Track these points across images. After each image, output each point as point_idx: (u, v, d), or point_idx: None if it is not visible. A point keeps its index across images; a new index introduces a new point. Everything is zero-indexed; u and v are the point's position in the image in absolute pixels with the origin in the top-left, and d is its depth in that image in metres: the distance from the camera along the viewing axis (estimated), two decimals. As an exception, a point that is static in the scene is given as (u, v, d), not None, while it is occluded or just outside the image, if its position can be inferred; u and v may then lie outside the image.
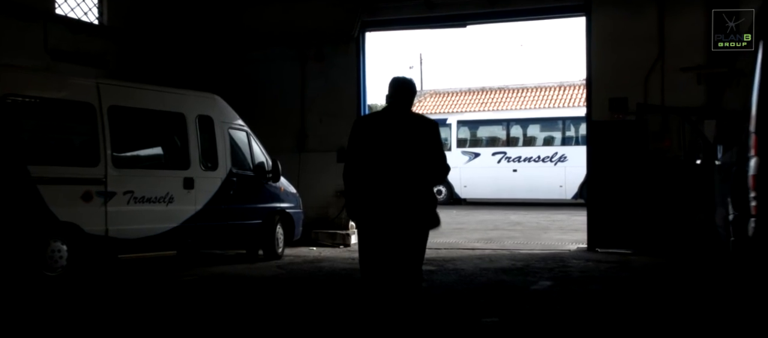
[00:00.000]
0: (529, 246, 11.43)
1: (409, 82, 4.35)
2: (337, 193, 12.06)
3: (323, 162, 12.24)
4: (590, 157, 10.61)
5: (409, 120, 4.31)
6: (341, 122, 12.03)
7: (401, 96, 4.30)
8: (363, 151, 4.20)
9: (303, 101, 12.42)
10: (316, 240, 11.83)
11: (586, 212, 10.76)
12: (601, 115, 10.51)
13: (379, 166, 4.14)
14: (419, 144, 4.22)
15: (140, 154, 8.69)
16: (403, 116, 4.30)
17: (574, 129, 22.70)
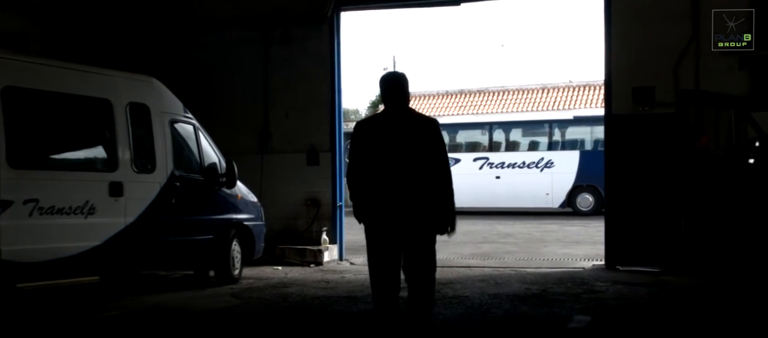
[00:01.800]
0: (533, 263, 9.70)
1: (398, 75, 4.28)
2: (308, 202, 10.22)
3: (291, 165, 10.39)
4: (609, 158, 8.92)
5: (409, 119, 4.22)
6: (312, 117, 10.27)
7: (394, 93, 4.23)
8: (366, 155, 4.16)
9: (266, 93, 10.54)
10: (282, 258, 9.95)
11: (604, 223, 9.06)
12: (623, 107, 8.84)
13: (383, 168, 4.11)
14: (420, 144, 4.14)
15: (49, 151, 6.71)
16: (402, 115, 4.21)
17: (561, 133, 21.16)
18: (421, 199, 4.13)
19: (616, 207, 8.85)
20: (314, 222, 10.18)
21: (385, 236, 4.17)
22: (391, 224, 4.14)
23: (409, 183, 4.10)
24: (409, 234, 4.16)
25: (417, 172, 4.12)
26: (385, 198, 4.12)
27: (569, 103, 25.67)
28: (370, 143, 4.18)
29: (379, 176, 4.14)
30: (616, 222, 8.82)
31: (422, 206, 4.14)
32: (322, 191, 10.23)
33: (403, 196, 4.09)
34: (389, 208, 4.12)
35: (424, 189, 4.14)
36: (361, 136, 4.23)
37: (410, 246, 4.20)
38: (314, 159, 10.28)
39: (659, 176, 8.61)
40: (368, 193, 4.18)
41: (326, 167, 10.24)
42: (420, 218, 4.15)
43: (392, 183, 4.11)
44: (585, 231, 15.09)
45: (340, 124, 10.45)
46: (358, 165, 4.21)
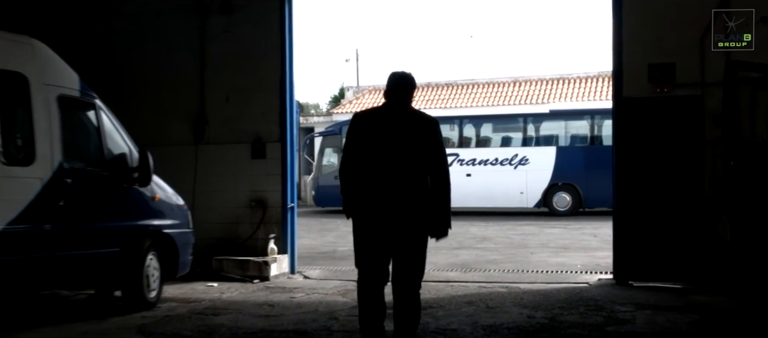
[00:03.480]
0: (526, 277, 8.07)
1: (408, 76, 4.21)
2: (253, 203, 8.41)
3: (232, 158, 8.58)
4: (619, 150, 7.33)
5: (409, 117, 4.16)
6: (258, 101, 8.49)
7: (400, 91, 4.16)
8: (361, 148, 4.06)
9: (202, 71, 8.68)
10: (219, 271, 8.12)
11: (613, 230, 7.47)
12: (636, 89, 7.26)
13: (378, 165, 4.02)
14: (418, 143, 4.07)
15: None
16: (403, 113, 4.16)
17: (535, 128, 19.70)
18: (415, 199, 4.01)
19: (626, 210, 7.25)
20: (260, 227, 8.38)
21: (374, 233, 4.03)
22: (382, 221, 4.01)
23: (404, 181, 3.99)
24: (400, 234, 4.02)
25: (412, 170, 4.02)
26: (377, 194, 4.01)
27: (543, 96, 24.32)
28: (367, 136, 4.07)
29: (373, 171, 4.04)
30: (627, 229, 7.23)
31: (415, 206, 4.01)
32: (270, 190, 8.43)
33: (396, 194, 3.97)
34: (381, 205, 4.01)
35: (418, 188, 4.02)
36: (358, 128, 4.12)
37: (400, 247, 4.05)
38: (260, 151, 8.47)
39: (683, 171, 7.05)
40: (360, 188, 4.06)
41: (275, 161, 8.44)
42: (412, 218, 4.02)
43: (386, 179, 4.01)
44: (569, 235, 13.61)
45: (293, 110, 8.66)
46: (352, 158, 4.09)
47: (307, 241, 13.30)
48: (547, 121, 19.68)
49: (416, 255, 4.09)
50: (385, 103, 4.22)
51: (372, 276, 4.08)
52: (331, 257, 10.58)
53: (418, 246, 4.09)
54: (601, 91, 23.92)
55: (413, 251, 4.07)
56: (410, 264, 4.07)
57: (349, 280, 7.91)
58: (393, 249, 4.05)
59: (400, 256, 4.06)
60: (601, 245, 11.56)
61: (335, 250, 11.56)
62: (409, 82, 4.22)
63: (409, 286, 4.07)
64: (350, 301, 6.56)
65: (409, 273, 4.07)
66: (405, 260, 4.06)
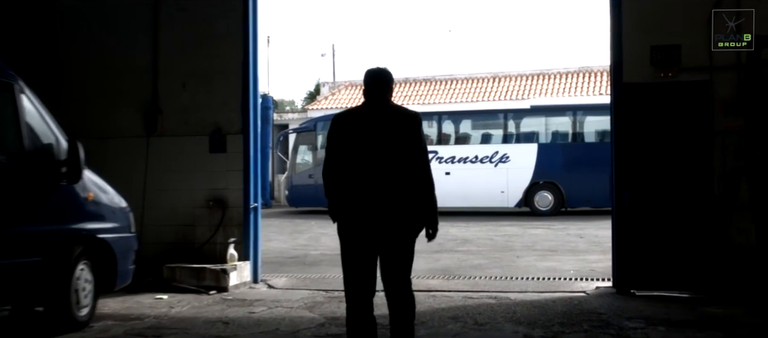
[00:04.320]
0: (516, 285, 7.27)
1: (383, 71, 4.12)
2: (211, 203, 7.50)
3: (188, 152, 7.67)
4: (618, 142, 6.56)
5: (389, 113, 4.03)
6: (218, 88, 7.62)
7: (377, 88, 4.06)
8: (342, 150, 3.95)
9: (155, 55, 7.75)
10: (171, 281, 7.19)
11: (612, 231, 6.70)
12: (637, 73, 6.50)
13: (360, 165, 3.90)
14: (400, 139, 3.93)
15: None
16: (382, 109, 4.03)
17: (516, 124, 18.97)
18: (400, 197, 3.89)
19: (628, 210, 6.47)
20: (219, 230, 7.47)
21: (360, 237, 3.93)
22: (367, 224, 3.91)
23: (387, 180, 3.88)
24: (387, 233, 3.90)
25: (396, 168, 3.91)
26: (361, 195, 3.92)
27: (522, 92, 23.65)
28: (347, 137, 3.99)
29: (356, 172, 3.95)
30: (629, 231, 6.46)
31: (400, 205, 3.89)
32: (231, 188, 7.52)
33: (380, 194, 3.88)
34: (366, 207, 3.91)
35: (402, 186, 3.90)
36: (338, 129, 4.04)
37: (387, 249, 3.93)
38: (220, 144, 7.56)
39: (689, 166, 6.31)
40: (344, 190, 3.98)
41: (236, 155, 7.53)
42: (398, 218, 3.90)
43: (369, 179, 3.91)
44: (554, 236, 12.89)
45: (256, 98, 7.75)
46: (334, 160, 4.02)
47: (277, 244, 12.41)
48: (528, 117, 18.96)
49: (405, 250, 3.95)
50: (363, 102, 4.11)
51: (360, 285, 3.95)
52: (302, 262, 9.70)
53: (406, 241, 3.94)
54: (583, 87, 23.33)
55: (401, 247, 3.93)
56: (399, 259, 3.94)
57: (319, 290, 7.08)
58: (381, 249, 3.91)
59: (389, 254, 3.93)
60: (589, 247, 10.85)
61: (307, 254, 10.69)
62: (385, 77, 4.11)
63: (400, 277, 3.95)
64: (318, 317, 5.71)
65: (399, 267, 3.94)
66: (394, 257, 3.93)
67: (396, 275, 3.92)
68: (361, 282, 3.93)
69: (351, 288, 3.97)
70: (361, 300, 3.93)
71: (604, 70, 23.97)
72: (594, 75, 23.81)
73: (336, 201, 3.99)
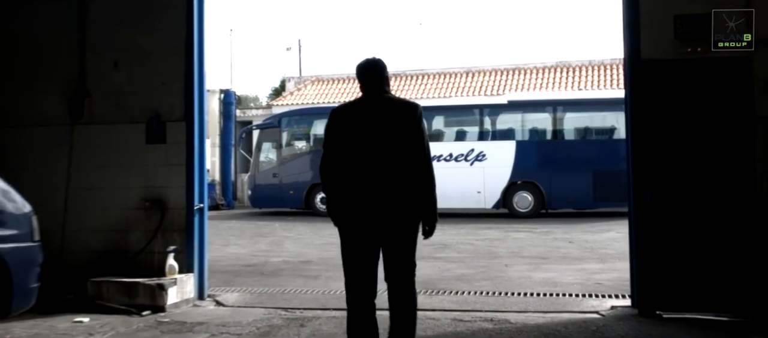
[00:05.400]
0: (513, 302, 6.14)
1: (376, 61, 4.01)
2: (147, 204, 6.24)
3: (120, 142, 6.42)
4: (636, 131, 5.46)
5: (388, 106, 3.90)
6: (157, 67, 6.42)
7: (371, 79, 3.94)
8: (340, 145, 3.86)
9: (83, 28, 6.48)
10: (96, 298, 5.91)
11: (632, 239, 5.60)
12: (658, 48, 5.42)
13: (359, 161, 3.81)
14: (399, 132, 3.80)
15: None
16: (381, 102, 3.90)
17: (492, 120, 17.94)
18: (399, 192, 3.73)
19: (650, 214, 5.37)
20: (156, 237, 6.21)
21: (360, 234, 3.79)
22: (367, 220, 3.76)
23: (387, 175, 3.75)
24: (387, 230, 3.75)
25: (396, 163, 3.75)
26: (360, 191, 3.78)
27: (497, 87, 22.67)
28: (345, 132, 3.87)
29: (355, 167, 3.81)
30: (653, 240, 5.36)
31: (400, 199, 3.73)
32: (171, 186, 6.27)
33: (379, 189, 3.74)
34: (365, 202, 3.77)
35: (402, 180, 3.74)
36: (336, 124, 3.91)
37: (389, 244, 3.78)
38: (159, 134, 6.31)
39: (724, 161, 5.25)
40: (343, 186, 3.83)
41: (178, 147, 6.28)
42: (398, 212, 3.74)
43: (368, 174, 3.78)
44: (540, 241, 11.87)
45: (203, 80, 6.48)
46: (333, 155, 3.89)
47: (235, 250, 11.16)
48: (505, 113, 17.96)
49: (407, 243, 3.80)
50: (361, 96, 4.02)
51: (362, 285, 3.83)
52: (260, 272, 8.47)
53: (408, 235, 3.80)
54: (560, 82, 22.44)
55: (403, 241, 3.79)
56: (402, 254, 3.80)
57: (277, 308, 5.90)
58: (382, 244, 3.80)
59: (391, 249, 3.81)
60: (583, 254, 9.82)
61: (266, 262, 9.46)
62: (378, 67, 3.99)
63: (403, 274, 3.80)
64: (274, 349, 4.51)
65: (402, 262, 3.80)
66: (395, 252, 3.80)
67: (398, 271, 3.78)
68: (362, 282, 3.80)
69: (352, 288, 3.84)
70: (362, 300, 3.81)
71: (583, 65, 23.14)
72: (572, 70, 22.95)
73: (334, 197, 3.89)
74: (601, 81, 22.01)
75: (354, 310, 3.83)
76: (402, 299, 3.78)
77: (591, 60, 23.16)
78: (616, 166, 17.25)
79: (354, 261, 3.84)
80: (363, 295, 3.81)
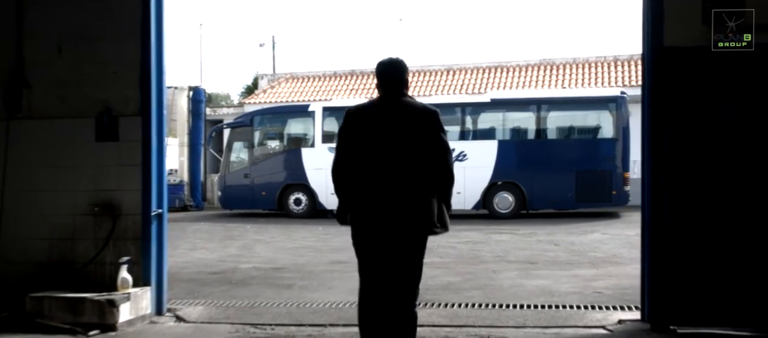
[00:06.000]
0: (509, 317, 5.51)
1: (396, 61, 3.91)
2: (97, 209, 5.51)
3: (66, 140, 5.69)
4: (655, 127, 4.88)
5: (405, 109, 3.78)
6: (108, 53, 5.70)
7: (389, 81, 3.84)
8: (354, 147, 3.78)
9: (19, 9, 5.71)
10: (36, 316, 5.17)
11: (644, 246, 5.01)
12: (684, 34, 4.83)
13: (372, 165, 3.75)
14: (415, 138, 3.72)
15: None
16: (397, 105, 3.79)
17: (474, 119, 17.42)
18: (413, 203, 3.69)
19: (667, 220, 4.79)
20: (107, 246, 5.48)
21: (374, 239, 3.75)
22: (380, 226, 3.72)
23: (401, 183, 3.68)
24: (398, 238, 3.71)
25: (410, 169, 3.69)
26: (373, 198, 3.72)
27: (479, 85, 22.16)
28: (359, 134, 3.78)
29: (368, 172, 3.75)
30: (667, 248, 4.79)
31: (413, 211, 3.69)
32: (125, 189, 5.55)
33: (392, 198, 3.68)
34: (377, 211, 3.72)
35: (416, 188, 3.69)
36: (350, 126, 3.83)
37: (396, 255, 3.73)
38: (110, 130, 5.58)
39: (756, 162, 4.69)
40: (355, 193, 3.78)
41: (133, 145, 5.55)
42: (410, 224, 3.70)
43: (382, 180, 3.71)
44: (525, 244, 11.34)
45: (162, 69, 5.75)
46: (346, 158, 3.80)
47: (203, 254, 10.44)
48: (487, 112, 17.44)
49: (413, 262, 3.76)
50: (378, 97, 3.92)
51: (377, 288, 3.76)
52: (228, 280, 7.78)
53: (416, 252, 3.76)
54: (544, 81, 21.99)
55: (410, 258, 3.74)
56: (406, 273, 3.74)
57: (246, 325, 5.27)
58: (390, 253, 3.72)
59: (396, 263, 3.73)
60: (572, 258, 9.28)
61: (236, 269, 8.76)
62: (398, 68, 3.89)
63: (404, 290, 3.74)
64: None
65: (405, 282, 3.74)
66: (400, 267, 3.74)
67: (403, 280, 3.73)
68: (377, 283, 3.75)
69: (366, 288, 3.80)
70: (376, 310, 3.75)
71: (567, 63, 22.72)
72: (556, 68, 22.50)
73: (346, 201, 3.84)
74: (586, 79, 21.60)
75: (366, 309, 3.80)
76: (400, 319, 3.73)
77: (575, 58, 22.74)
78: (599, 166, 17.01)
79: (368, 263, 3.80)
80: (377, 304, 3.76)
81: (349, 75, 24.36)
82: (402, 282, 3.74)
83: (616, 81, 20.93)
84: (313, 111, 17.84)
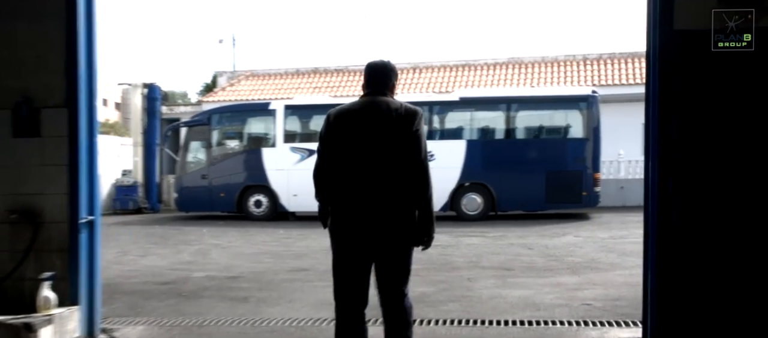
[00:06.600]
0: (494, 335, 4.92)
1: (383, 64, 3.86)
2: (15, 216, 4.71)
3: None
4: (663, 120, 4.27)
5: (387, 110, 3.67)
6: (28, 36, 4.88)
7: (374, 81, 3.79)
8: (335, 149, 3.70)
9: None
10: (-62, 346, 4.35)
11: (648, 255, 4.40)
12: (696, 17, 4.23)
13: (354, 167, 3.65)
14: (397, 138, 3.61)
15: None
16: (380, 106, 3.70)
17: (441, 118, 16.86)
18: (396, 202, 3.58)
19: (675, 226, 4.21)
20: (27, 259, 4.69)
21: (354, 243, 3.66)
22: (362, 229, 3.64)
23: (383, 183, 3.57)
24: (382, 242, 3.61)
25: (391, 171, 3.58)
26: (355, 199, 3.64)
27: (446, 84, 21.63)
28: (341, 135, 3.69)
29: (350, 173, 3.66)
30: (675, 258, 4.20)
31: (396, 210, 3.59)
32: (48, 193, 4.76)
33: (375, 198, 3.58)
34: (360, 211, 3.64)
35: (399, 190, 3.58)
36: (332, 127, 3.73)
37: (382, 258, 3.65)
38: (30, 124, 4.79)
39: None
40: (337, 193, 3.71)
41: (58, 142, 4.77)
42: (394, 224, 3.61)
43: (364, 182, 3.62)
44: (497, 248, 10.80)
45: (93, 54, 4.97)
46: (327, 160, 3.73)
47: (154, 261, 9.63)
48: (455, 111, 16.89)
49: (401, 259, 3.65)
50: (361, 98, 3.82)
51: (353, 296, 3.66)
52: (178, 292, 7.02)
53: (403, 250, 3.64)
54: (512, 79, 21.55)
55: (397, 256, 3.63)
56: (395, 269, 3.65)
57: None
58: (376, 257, 3.63)
59: (384, 263, 3.64)
60: (550, 263, 8.75)
61: (188, 278, 8.00)
62: (384, 70, 3.81)
63: (395, 290, 3.66)
64: None
65: (395, 278, 3.65)
66: (389, 267, 3.64)
67: (391, 287, 3.68)
68: (353, 293, 3.69)
69: (342, 299, 3.72)
70: (352, 311, 3.70)
71: (536, 62, 22.33)
72: (525, 67, 22.09)
73: (327, 204, 3.79)
74: (555, 78, 21.23)
75: (343, 320, 3.72)
76: (395, 318, 3.68)
77: (544, 56, 22.37)
78: (569, 166, 16.61)
79: (345, 271, 3.71)
80: (353, 305, 3.69)
81: (311, 73, 23.60)
82: (390, 285, 3.65)
83: (586, 80, 20.62)
84: (275, 109, 17.06)
